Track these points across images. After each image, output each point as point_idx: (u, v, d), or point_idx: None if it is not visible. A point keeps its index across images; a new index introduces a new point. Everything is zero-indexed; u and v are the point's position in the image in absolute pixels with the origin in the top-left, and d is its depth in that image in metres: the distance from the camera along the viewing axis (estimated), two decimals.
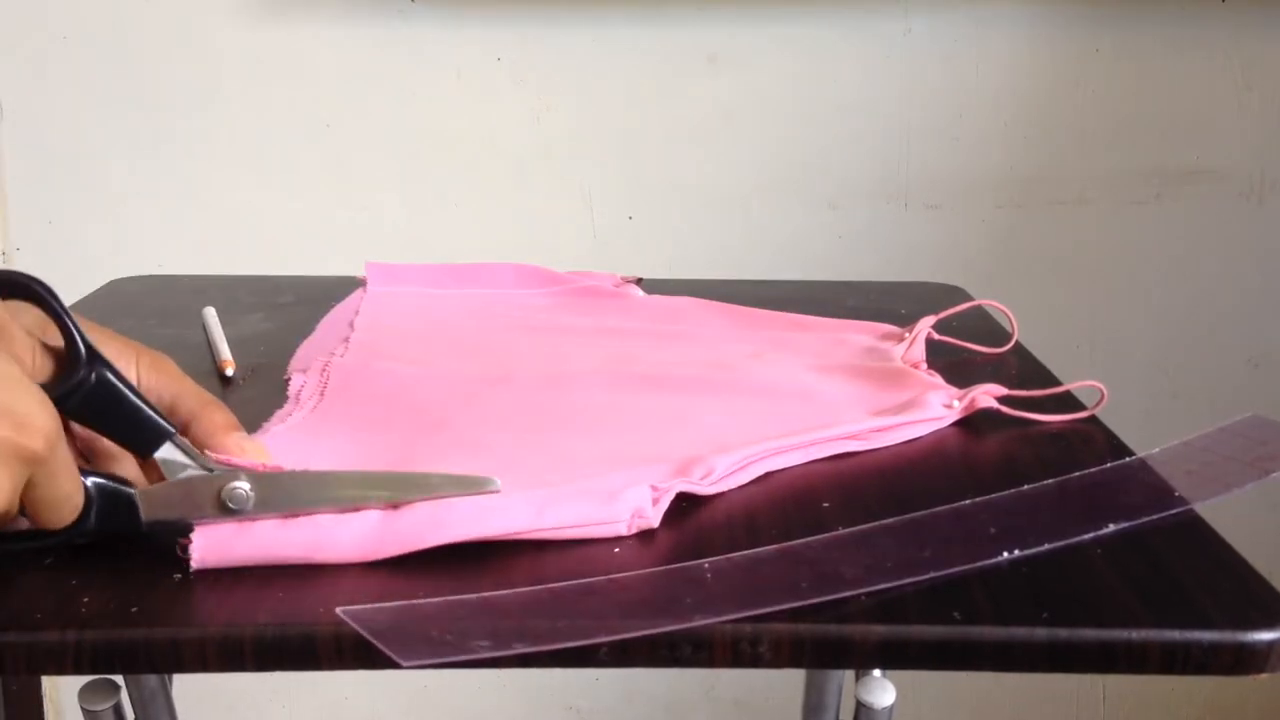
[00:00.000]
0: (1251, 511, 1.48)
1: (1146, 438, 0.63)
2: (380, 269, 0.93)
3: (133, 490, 0.49)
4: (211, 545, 0.48)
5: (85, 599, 0.46)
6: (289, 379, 0.71)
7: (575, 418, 0.65)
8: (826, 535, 0.52)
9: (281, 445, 0.59)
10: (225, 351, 0.76)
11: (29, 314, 0.48)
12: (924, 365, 0.74)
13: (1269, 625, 0.45)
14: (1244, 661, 0.45)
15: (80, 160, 1.39)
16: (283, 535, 0.49)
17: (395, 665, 0.43)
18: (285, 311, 0.88)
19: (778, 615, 0.45)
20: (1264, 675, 0.45)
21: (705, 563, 0.49)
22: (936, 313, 0.81)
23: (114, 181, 1.39)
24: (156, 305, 0.90)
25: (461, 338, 0.80)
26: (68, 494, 0.46)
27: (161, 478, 0.50)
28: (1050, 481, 0.57)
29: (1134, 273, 1.46)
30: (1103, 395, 0.67)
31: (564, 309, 0.89)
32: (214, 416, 0.52)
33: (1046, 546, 0.51)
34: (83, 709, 0.77)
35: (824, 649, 0.46)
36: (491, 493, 0.51)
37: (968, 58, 1.39)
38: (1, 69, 1.35)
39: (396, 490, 0.51)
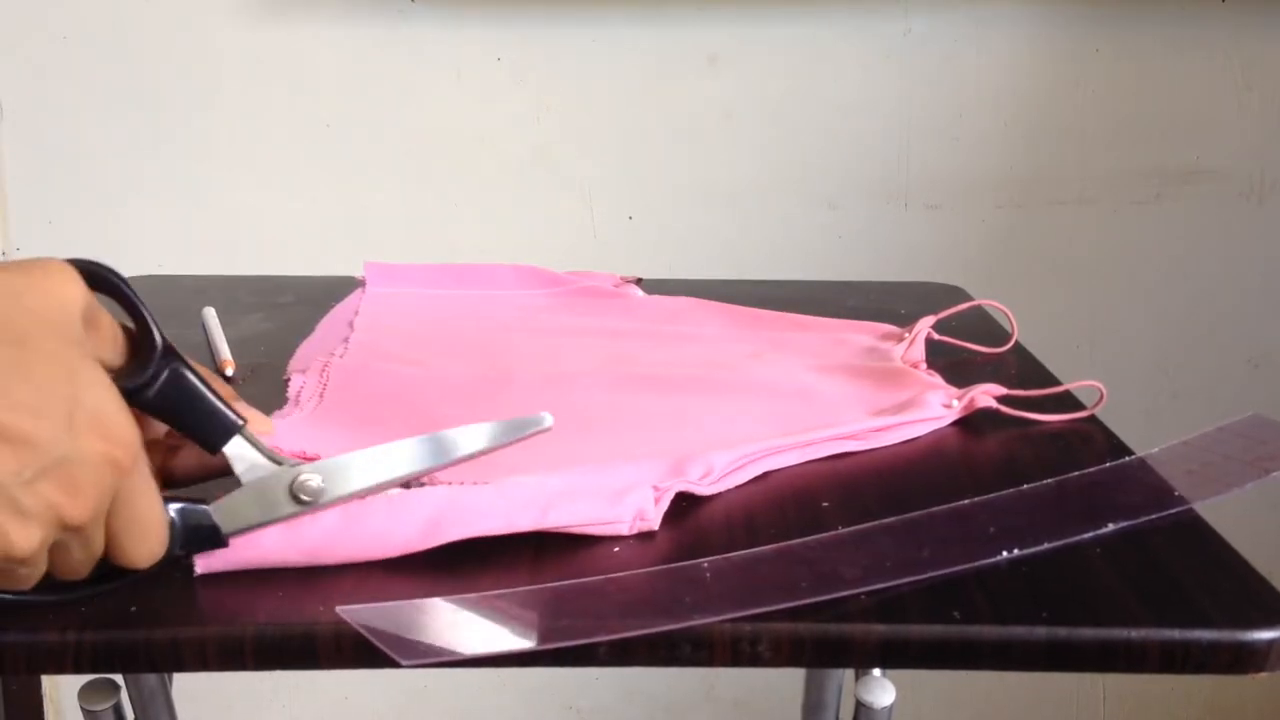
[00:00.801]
0: (1251, 511, 1.48)
1: (1146, 438, 0.63)
2: (379, 269, 0.93)
3: (209, 508, 0.47)
4: (215, 555, 0.48)
5: (85, 599, 0.46)
6: (288, 379, 0.71)
7: (575, 418, 0.65)
8: (826, 535, 0.52)
9: (282, 445, 0.59)
10: (225, 351, 0.76)
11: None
12: (924, 365, 0.74)
13: (1268, 624, 0.45)
14: (1243, 660, 0.45)
15: (80, 160, 1.39)
16: (288, 540, 0.49)
17: (395, 665, 0.43)
18: (285, 311, 0.88)
19: (777, 615, 0.46)
20: (1264, 675, 0.45)
21: (705, 562, 0.49)
22: (936, 313, 0.81)
23: (114, 181, 1.39)
24: (156, 305, 0.89)
25: (461, 338, 0.80)
26: (152, 518, 0.44)
27: (228, 470, 0.49)
28: (1050, 481, 0.57)
29: (1134, 273, 1.46)
30: (1102, 395, 0.68)
31: (564, 309, 0.89)
32: (215, 386, 0.52)
33: (1046, 546, 0.51)
34: (83, 709, 0.77)
35: (824, 648, 0.46)
36: (544, 430, 0.51)
37: (968, 58, 1.39)
38: (1, 69, 1.35)
39: (453, 448, 0.50)
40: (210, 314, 0.83)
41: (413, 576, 0.49)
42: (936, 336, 0.79)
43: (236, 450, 0.48)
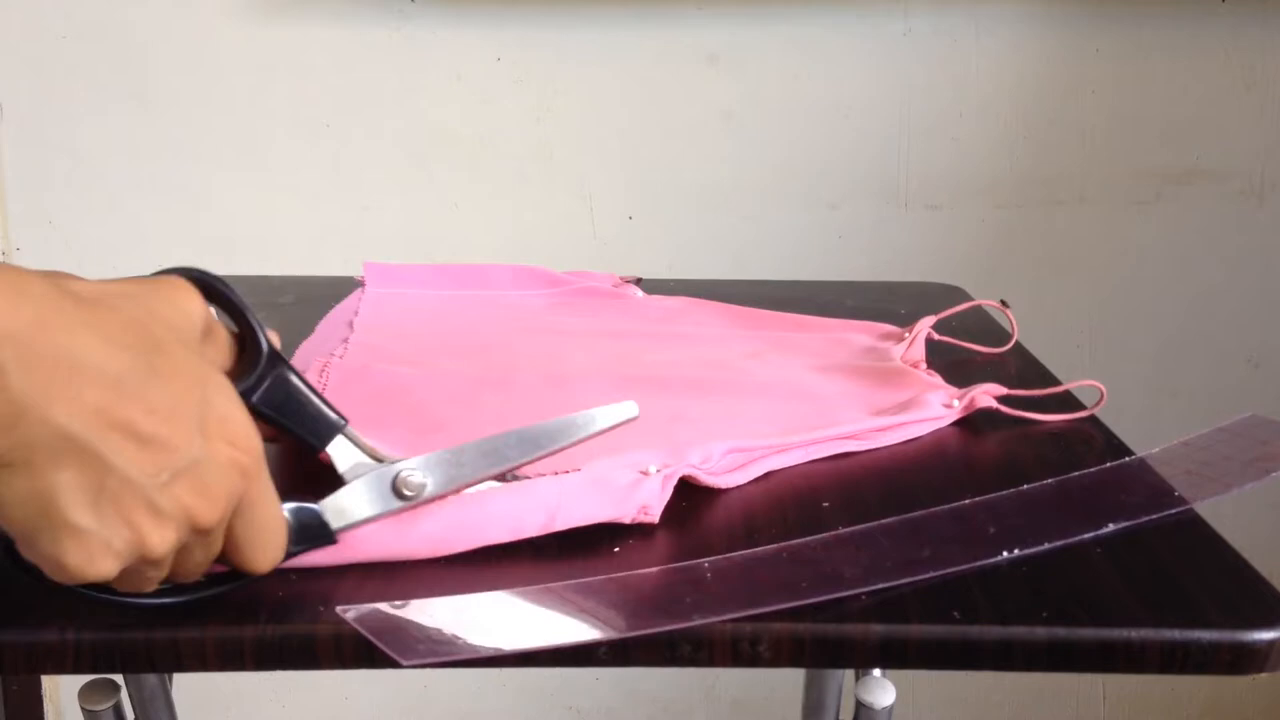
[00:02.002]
0: (1251, 511, 1.48)
1: (1146, 438, 0.63)
2: (379, 269, 0.93)
3: (318, 505, 0.48)
4: (323, 553, 0.49)
5: (85, 599, 0.46)
6: None
7: None
8: (826, 535, 0.52)
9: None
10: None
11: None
12: (924, 365, 0.74)
13: (1268, 625, 0.45)
14: (1243, 661, 0.45)
15: (80, 160, 1.39)
16: (395, 535, 0.50)
17: (395, 665, 0.43)
18: (285, 311, 0.88)
19: (778, 615, 0.46)
20: (1263, 675, 0.45)
21: (705, 562, 0.49)
22: (936, 313, 0.81)
23: (114, 181, 1.39)
24: None
25: (460, 339, 0.80)
26: (275, 523, 0.45)
27: (330, 466, 0.49)
28: (1050, 481, 0.57)
29: (1134, 273, 1.46)
30: (1102, 395, 0.68)
31: (563, 310, 0.88)
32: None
33: (1046, 546, 0.51)
34: (83, 709, 0.77)
35: (824, 649, 0.46)
36: (633, 419, 0.53)
37: (968, 58, 1.39)
38: (1, 69, 1.35)
39: (547, 441, 0.52)
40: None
41: (413, 577, 0.49)
42: (937, 337, 0.79)
43: (339, 449, 0.49)
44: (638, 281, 0.94)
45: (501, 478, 0.52)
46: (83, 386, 0.38)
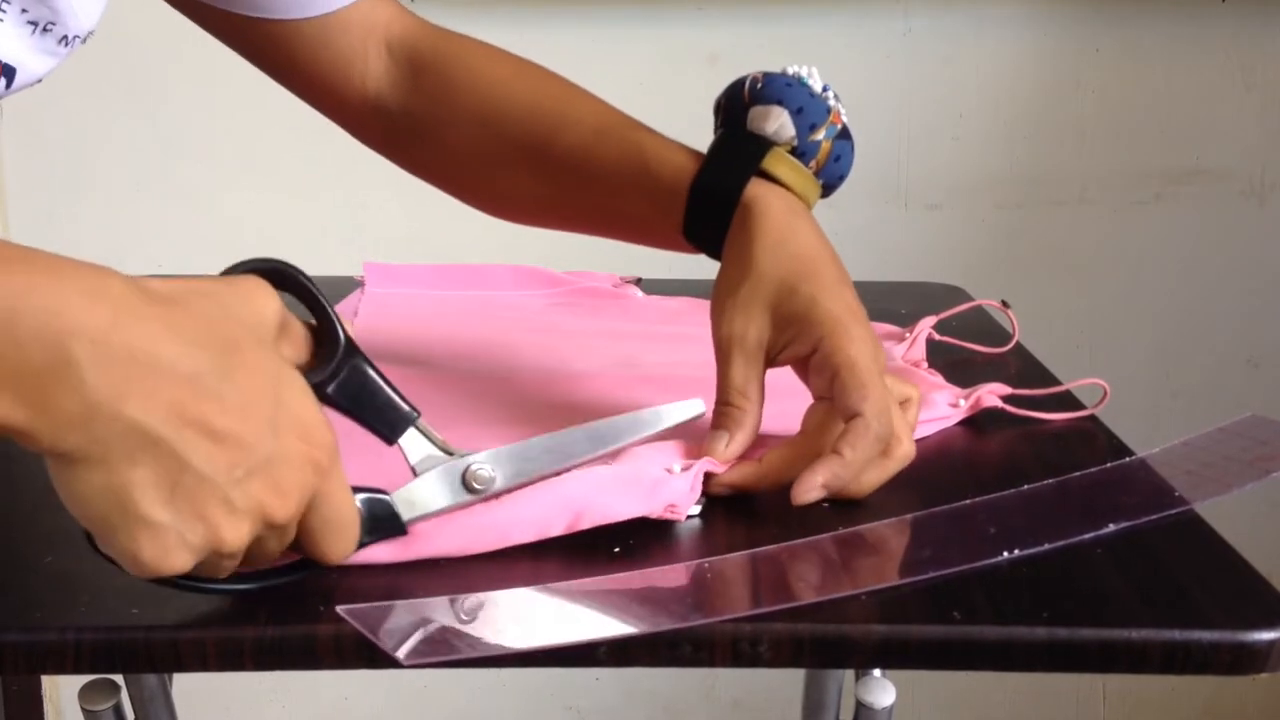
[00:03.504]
0: (1251, 511, 1.48)
1: (1146, 438, 0.63)
2: (378, 269, 0.93)
3: (390, 496, 0.49)
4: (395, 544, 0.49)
5: (85, 599, 0.46)
6: None
7: (576, 419, 0.65)
8: (828, 534, 0.52)
9: None
10: None
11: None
12: (924, 365, 0.74)
13: (1269, 625, 0.45)
14: (1243, 661, 0.45)
15: (80, 160, 1.39)
16: (462, 531, 0.50)
17: (395, 665, 0.43)
18: None
19: (778, 615, 0.45)
20: (1264, 675, 0.45)
21: (705, 562, 0.49)
22: (936, 313, 0.81)
23: (114, 181, 1.39)
24: None
25: (461, 339, 0.80)
26: (349, 516, 0.46)
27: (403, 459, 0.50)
28: (1050, 481, 0.57)
29: (1134, 273, 1.46)
30: (1105, 393, 0.68)
31: (563, 310, 0.88)
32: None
33: (1046, 546, 0.50)
34: (83, 709, 0.77)
35: (824, 649, 0.46)
36: (699, 417, 0.54)
37: (968, 58, 1.39)
38: None
39: (612, 438, 0.52)
40: None
41: (413, 577, 0.49)
42: (937, 337, 0.79)
43: (411, 441, 0.49)
44: (638, 281, 0.94)
45: (567, 472, 0.52)
46: (158, 384, 0.38)
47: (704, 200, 0.62)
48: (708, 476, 0.55)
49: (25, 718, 1.48)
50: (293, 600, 0.47)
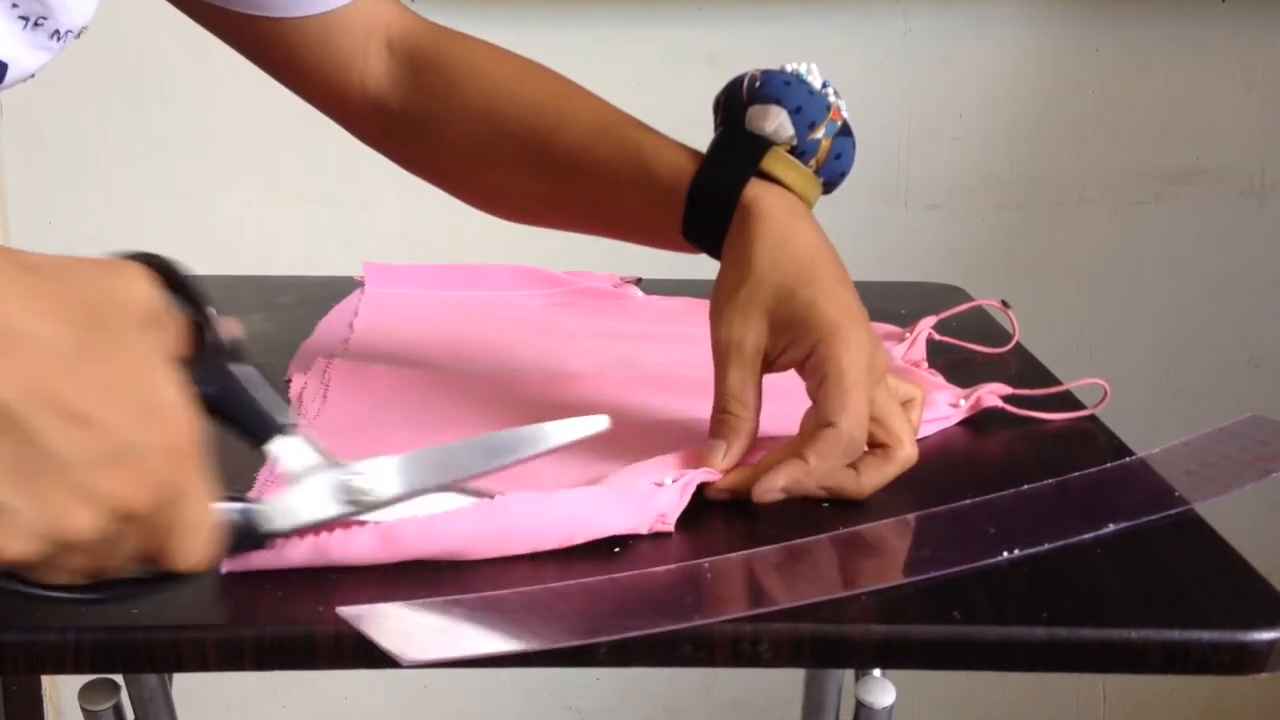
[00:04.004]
0: (1251, 511, 1.47)
1: (1146, 438, 0.63)
2: (378, 270, 0.93)
3: (261, 506, 0.46)
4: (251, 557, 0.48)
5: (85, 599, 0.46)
6: (289, 380, 0.71)
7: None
8: (826, 534, 0.52)
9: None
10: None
11: None
12: (925, 365, 0.74)
13: (1269, 625, 0.45)
14: (1243, 661, 0.45)
15: (80, 160, 1.38)
16: (321, 548, 0.49)
17: (395, 665, 0.43)
18: (285, 312, 0.88)
19: (778, 615, 0.45)
20: (1264, 675, 0.45)
21: (705, 562, 0.49)
22: (937, 313, 0.81)
23: (114, 181, 1.39)
24: None
25: (461, 339, 0.80)
26: (206, 519, 0.42)
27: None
28: (1050, 481, 0.57)
29: (1134, 273, 1.46)
30: (1105, 393, 0.68)
31: (563, 310, 0.88)
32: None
33: (1046, 546, 0.51)
34: (83, 709, 0.77)
35: (824, 649, 0.46)
36: (602, 433, 0.50)
37: (968, 58, 1.39)
38: None
39: (505, 452, 0.49)
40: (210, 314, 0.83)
41: (413, 577, 0.49)
42: (937, 337, 0.79)
43: (291, 449, 0.47)
44: (638, 281, 0.94)
45: (456, 488, 0.50)
46: (16, 357, 0.36)
47: (703, 200, 0.62)
48: (705, 483, 0.55)
49: (25, 718, 1.48)
50: (293, 600, 0.47)
